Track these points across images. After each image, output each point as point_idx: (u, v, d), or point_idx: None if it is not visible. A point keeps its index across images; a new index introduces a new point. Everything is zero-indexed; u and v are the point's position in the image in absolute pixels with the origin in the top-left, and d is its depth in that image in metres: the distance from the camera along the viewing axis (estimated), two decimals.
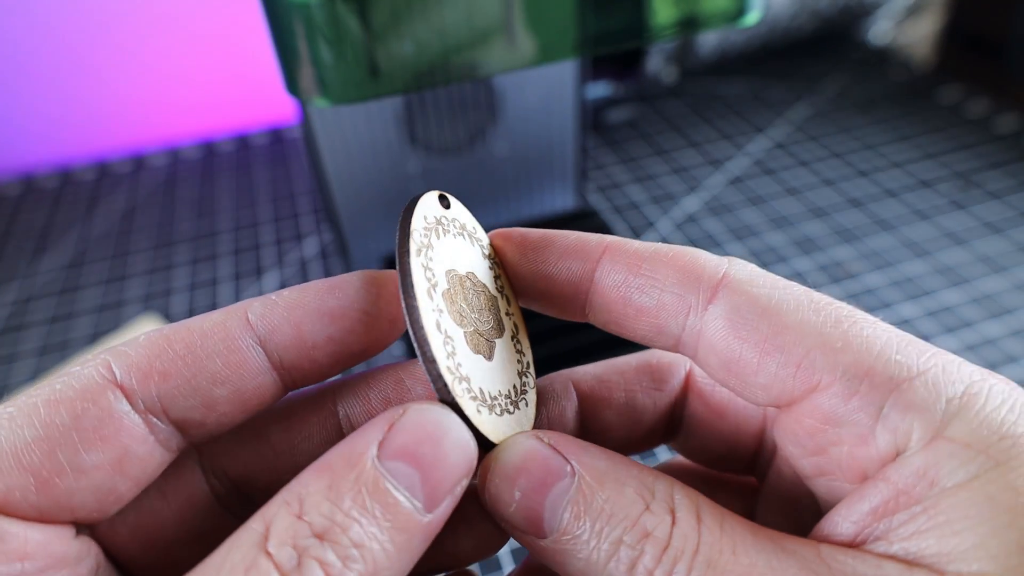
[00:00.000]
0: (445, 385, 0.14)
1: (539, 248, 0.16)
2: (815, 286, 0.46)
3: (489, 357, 0.15)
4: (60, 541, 0.12)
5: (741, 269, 0.14)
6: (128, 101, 0.64)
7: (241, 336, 0.14)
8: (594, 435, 0.17)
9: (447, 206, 0.16)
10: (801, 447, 0.14)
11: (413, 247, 0.14)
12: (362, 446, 0.12)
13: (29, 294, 0.51)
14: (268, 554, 0.11)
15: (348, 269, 0.47)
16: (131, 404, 0.13)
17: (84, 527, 0.13)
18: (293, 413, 0.16)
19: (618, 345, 0.35)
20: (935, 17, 0.68)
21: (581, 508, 0.13)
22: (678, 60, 0.64)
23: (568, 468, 0.13)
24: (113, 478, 0.12)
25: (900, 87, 0.63)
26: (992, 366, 0.40)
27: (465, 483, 0.13)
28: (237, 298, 0.49)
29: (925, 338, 0.41)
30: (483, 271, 0.16)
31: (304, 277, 0.50)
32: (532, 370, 0.16)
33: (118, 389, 0.13)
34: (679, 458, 0.20)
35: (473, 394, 0.14)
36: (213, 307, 0.48)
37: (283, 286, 0.49)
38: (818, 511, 0.15)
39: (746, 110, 0.62)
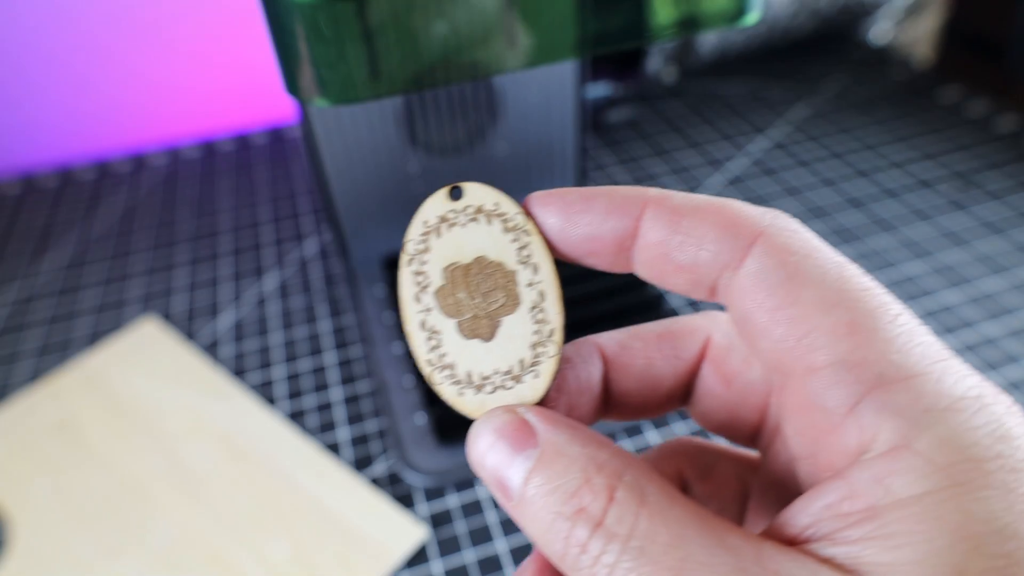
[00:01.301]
0: (425, 376, 0.16)
1: (580, 210, 0.16)
2: None
3: (489, 338, 0.16)
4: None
5: (780, 230, 0.14)
6: (128, 101, 0.64)
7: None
8: (616, 398, 0.18)
9: (459, 197, 0.17)
10: (791, 424, 0.14)
11: (404, 259, 0.17)
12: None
13: (29, 294, 0.51)
14: None
15: (348, 269, 0.47)
16: None
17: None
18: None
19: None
20: (935, 17, 0.68)
21: (536, 479, 0.14)
22: (678, 60, 0.64)
23: (533, 441, 0.14)
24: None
25: (900, 87, 0.63)
26: (992, 366, 0.40)
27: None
28: (237, 298, 0.49)
29: None
30: (500, 248, 0.16)
31: (304, 277, 0.50)
32: (556, 337, 0.16)
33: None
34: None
35: (456, 379, 0.16)
36: (213, 307, 0.48)
37: (283, 286, 0.50)
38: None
39: (746, 110, 0.62)
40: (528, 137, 0.44)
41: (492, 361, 0.16)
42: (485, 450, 0.15)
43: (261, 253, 0.53)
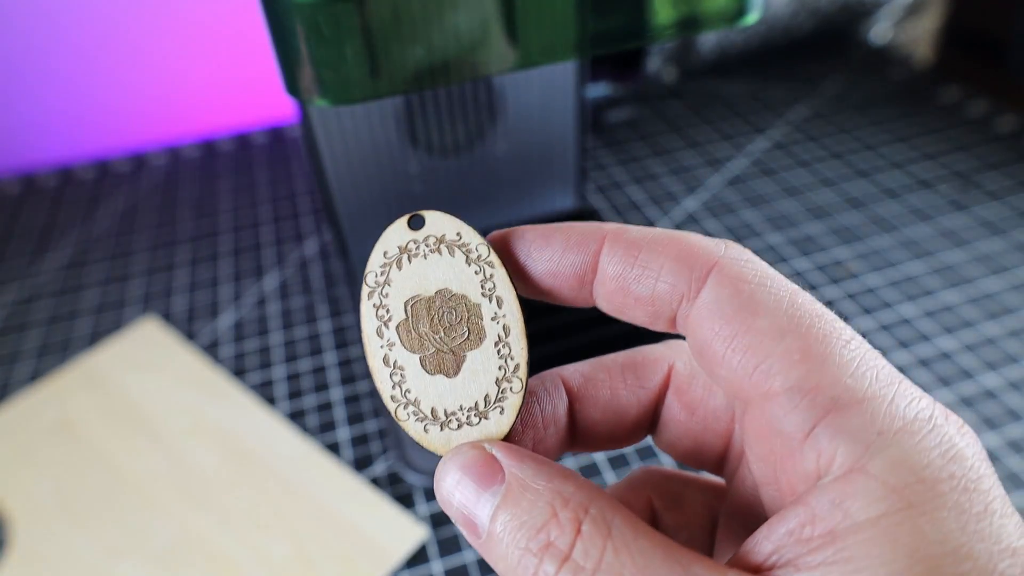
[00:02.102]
0: (390, 412, 0.16)
1: (539, 246, 0.16)
2: (815, 286, 0.46)
3: (453, 373, 0.16)
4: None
5: (733, 260, 0.15)
6: (128, 101, 0.64)
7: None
8: (582, 430, 0.18)
9: (419, 226, 0.16)
10: (753, 451, 0.14)
11: (364, 292, 0.17)
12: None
13: (29, 294, 0.51)
14: None
15: (348, 269, 0.47)
16: None
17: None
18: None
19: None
20: (935, 17, 0.68)
21: (502, 515, 0.14)
22: (678, 60, 0.64)
23: (499, 477, 0.14)
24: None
25: (900, 87, 0.63)
26: (992, 366, 0.40)
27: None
28: (237, 298, 0.49)
29: (925, 338, 0.42)
30: (463, 280, 0.16)
31: (304, 277, 0.50)
32: (521, 372, 0.16)
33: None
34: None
35: (421, 415, 0.16)
36: (213, 307, 0.48)
37: (283, 286, 0.50)
38: None
39: (746, 110, 0.62)
40: (528, 137, 0.44)
41: (457, 397, 0.16)
42: (451, 487, 0.15)
43: (261, 253, 0.53)
